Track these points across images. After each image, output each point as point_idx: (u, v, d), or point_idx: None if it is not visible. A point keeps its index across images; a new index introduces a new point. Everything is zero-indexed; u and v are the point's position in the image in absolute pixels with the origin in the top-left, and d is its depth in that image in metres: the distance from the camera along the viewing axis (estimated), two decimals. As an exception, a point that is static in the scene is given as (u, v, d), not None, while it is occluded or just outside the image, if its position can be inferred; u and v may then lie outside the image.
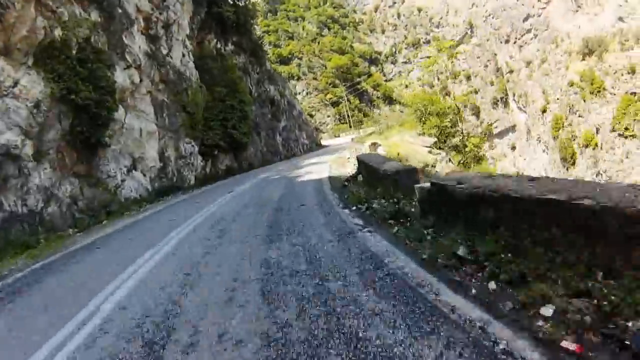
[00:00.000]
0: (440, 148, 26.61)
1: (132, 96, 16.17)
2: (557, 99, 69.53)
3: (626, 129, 57.54)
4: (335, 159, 21.05)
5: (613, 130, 58.98)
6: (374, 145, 14.30)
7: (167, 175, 17.23)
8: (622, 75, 63.45)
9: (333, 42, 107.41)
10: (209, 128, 20.69)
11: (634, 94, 62.45)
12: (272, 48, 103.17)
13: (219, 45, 26.45)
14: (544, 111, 70.28)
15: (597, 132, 61.16)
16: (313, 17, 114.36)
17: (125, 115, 15.66)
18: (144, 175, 16.01)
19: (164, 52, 18.87)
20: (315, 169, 17.99)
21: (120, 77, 15.60)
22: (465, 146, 44.85)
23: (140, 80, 16.68)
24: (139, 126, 16.06)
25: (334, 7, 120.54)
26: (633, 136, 57.07)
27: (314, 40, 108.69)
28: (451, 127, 45.24)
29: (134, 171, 15.54)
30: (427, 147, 20.44)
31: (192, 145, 19.23)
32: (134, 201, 14.83)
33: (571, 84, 68.12)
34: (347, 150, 23.71)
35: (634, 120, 58.58)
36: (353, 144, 28.37)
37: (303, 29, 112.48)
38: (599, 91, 63.65)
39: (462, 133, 40.29)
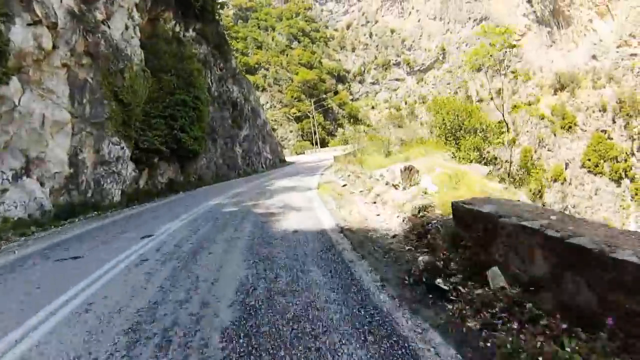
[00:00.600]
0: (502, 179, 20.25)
1: (38, 67, 11.28)
2: (527, 131, 68.08)
3: (596, 165, 56.33)
4: (324, 185, 14.60)
5: (583, 166, 57.70)
6: (409, 170, 9.35)
7: (79, 188, 12.15)
8: (594, 112, 62.69)
9: (302, 55, 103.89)
10: (149, 127, 15.55)
11: (605, 131, 61.75)
12: (239, 56, 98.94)
13: (177, 29, 21.69)
14: (513, 142, 68.46)
15: (566, 167, 59.84)
16: (284, 28, 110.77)
17: (22, 94, 10.76)
18: (42, 184, 11.05)
19: (99, 17, 14.07)
20: (297, 200, 11.68)
21: (20, 35, 10.72)
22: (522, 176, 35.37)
23: (54, 47, 11.76)
24: (42, 112, 11.12)
25: (306, 21, 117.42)
26: (602, 173, 55.85)
27: (283, 52, 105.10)
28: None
29: (24, 178, 10.58)
30: (489, 177, 15.19)
31: (122, 148, 14.02)
32: (17, 224, 9.86)
33: (542, 117, 66.90)
34: (336, 173, 18.71)
35: (604, 158, 57.50)
36: (343, 164, 21.62)
37: (273, 40, 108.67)
38: (570, 127, 62.52)
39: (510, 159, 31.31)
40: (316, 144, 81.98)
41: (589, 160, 57.63)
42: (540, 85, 71.79)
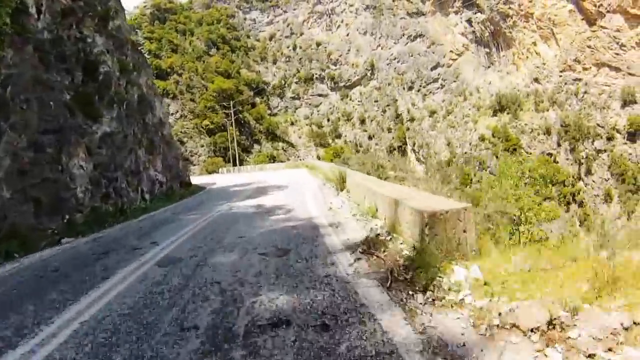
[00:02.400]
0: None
1: None
2: (465, 152, 60.61)
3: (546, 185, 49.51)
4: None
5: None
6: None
7: None
8: (538, 134, 56.61)
9: (220, 63, 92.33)
10: None
11: (550, 154, 55.83)
12: (151, 58, 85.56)
13: None
14: (449, 164, 60.54)
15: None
16: (203, 33, 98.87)
17: None
18: None
19: None
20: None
21: None
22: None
23: None
24: None
25: (228, 28, 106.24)
26: (550, 198, 49.25)
27: (200, 58, 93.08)
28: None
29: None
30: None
31: None
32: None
33: (482, 139, 59.90)
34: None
35: (551, 181, 51.11)
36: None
37: (190, 44, 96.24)
38: (515, 149, 55.75)
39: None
40: (230, 161, 68.93)
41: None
42: (477, 106, 65.49)
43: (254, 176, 37.53)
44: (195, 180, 33.95)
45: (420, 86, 74.72)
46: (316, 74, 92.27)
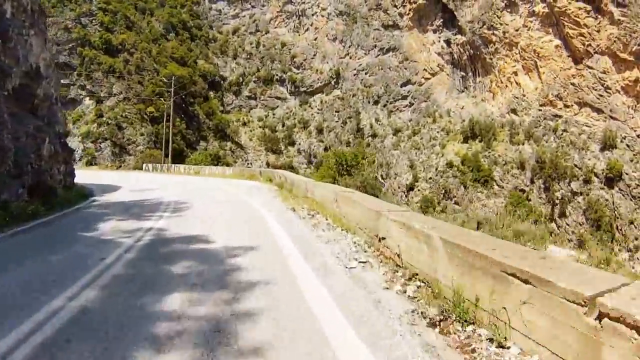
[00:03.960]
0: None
1: None
2: (430, 178, 54.67)
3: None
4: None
5: (502, 226, 45.15)
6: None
7: None
8: (512, 168, 51.44)
9: (177, 49, 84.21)
10: None
11: (523, 191, 50.72)
12: (101, 31, 76.73)
13: None
14: (410, 188, 54.37)
15: (477, 226, 46.89)
16: (164, 15, 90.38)
17: None
18: None
19: None
20: None
21: None
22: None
23: None
24: None
25: (191, 15, 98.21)
26: (527, 241, 43.97)
27: (156, 40, 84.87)
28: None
29: None
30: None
31: None
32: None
33: (450, 165, 54.20)
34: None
35: (524, 220, 45.87)
36: None
37: (148, 25, 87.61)
38: (486, 180, 50.22)
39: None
40: (168, 156, 58.54)
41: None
42: (447, 130, 60.15)
43: (180, 188, 24.03)
44: (94, 178, 27.63)
45: (387, 102, 69.00)
46: (277, 75, 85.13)
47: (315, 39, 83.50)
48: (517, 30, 59.20)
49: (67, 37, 75.70)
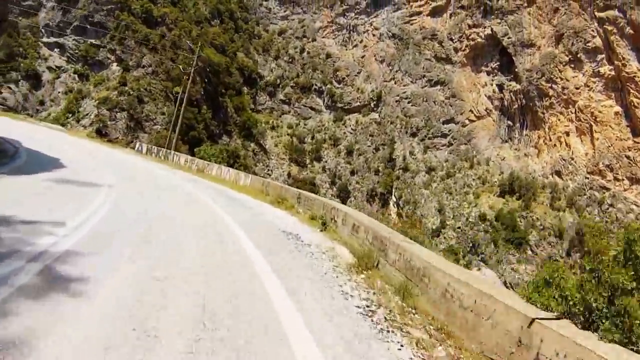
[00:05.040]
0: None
1: None
2: (458, 227, 51.44)
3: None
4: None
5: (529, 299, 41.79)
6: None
7: None
8: (549, 235, 48.03)
9: (218, 36, 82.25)
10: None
11: (557, 261, 47.24)
12: (145, 0, 75.33)
13: None
14: (436, 234, 51.14)
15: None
16: (212, 1, 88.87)
17: None
18: None
19: None
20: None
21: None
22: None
23: None
24: None
25: (240, 6, 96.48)
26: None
27: (199, 23, 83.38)
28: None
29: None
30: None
31: None
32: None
33: (483, 218, 50.90)
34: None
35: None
36: None
37: (194, 6, 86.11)
38: (520, 243, 46.87)
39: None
40: (167, 146, 42.41)
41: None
42: (483, 180, 56.90)
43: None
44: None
45: (426, 136, 65.94)
46: (316, 85, 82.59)
47: (363, 57, 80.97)
48: (577, 89, 56.04)
49: None
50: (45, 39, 72.40)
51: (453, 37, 72.70)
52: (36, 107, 67.24)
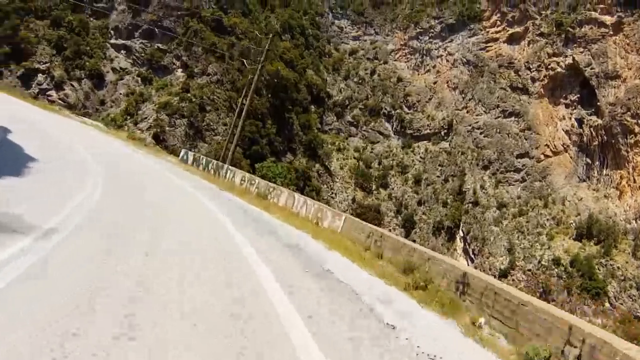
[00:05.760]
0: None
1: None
2: (529, 270, 49.72)
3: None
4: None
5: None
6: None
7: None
8: (631, 287, 45.46)
9: (288, 50, 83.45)
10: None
11: (638, 318, 44.62)
12: (215, 8, 77.41)
13: None
14: (504, 275, 49.69)
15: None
16: (284, 14, 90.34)
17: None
18: None
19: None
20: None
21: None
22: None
23: None
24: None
25: (311, 23, 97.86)
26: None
27: (268, 35, 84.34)
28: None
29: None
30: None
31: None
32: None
33: (557, 262, 48.96)
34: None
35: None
36: None
37: (265, 19, 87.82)
38: (598, 293, 44.69)
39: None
40: (222, 159, 34.04)
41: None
42: (559, 220, 54.66)
43: None
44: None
45: (498, 170, 64.15)
46: (385, 109, 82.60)
47: (435, 83, 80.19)
48: (667, 128, 52.86)
49: (177, 4, 75.16)
50: (113, 41, 73.27)
51: (531, 66, 70.47)
52: (96, 107, 66.95)
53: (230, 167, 28.14)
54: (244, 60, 66.82)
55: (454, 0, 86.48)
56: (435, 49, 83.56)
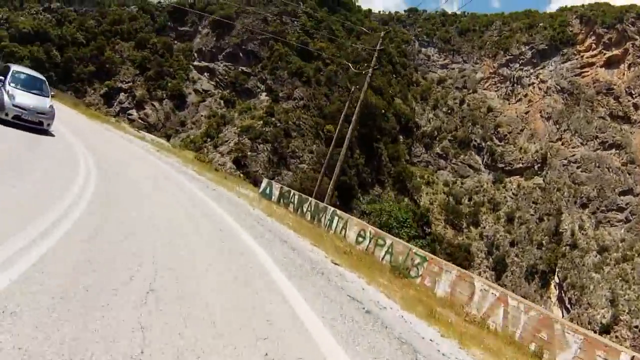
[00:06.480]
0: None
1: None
2: (636, 326, 46.75)
3: None
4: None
5: None
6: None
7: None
8: None
9: (376, 77, 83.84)
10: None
11: None
12: (300, 32, 79.31)
13: None
14: (606, 331, 47.10)
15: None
16: (370, 41, 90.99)
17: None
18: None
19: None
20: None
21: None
22: None
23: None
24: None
25: (398, 51, 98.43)
26: None
27: (356, 62, 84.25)
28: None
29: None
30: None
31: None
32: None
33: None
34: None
35: None
36: None
37: (351, 45, 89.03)
38: None
39: None
40: (316, 195, 28.97)
41: None
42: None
43: None
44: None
45: (598, 209, 60.64)
46: (475, 141, 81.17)
47: (527, 113, 77.53)
48: None
49: (262, 28, 75.53)
50: (196, 63, 74.19)
51: (632, 92, 66.08)
52: (176, 127, 66.47)
53: (338, 212, 17.93)
54: (350, 65, 66.18)
55: (544, 25, 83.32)
56: (527, 77, 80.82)
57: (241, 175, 49.79)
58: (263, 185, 24.85)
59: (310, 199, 20.61)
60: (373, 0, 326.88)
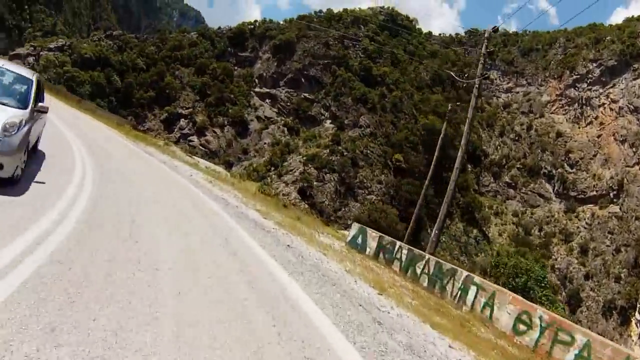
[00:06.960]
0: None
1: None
2: None
3: None
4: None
5: None
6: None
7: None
8: None
9: (441, 103, 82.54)
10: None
11: None
12: (363, 57, 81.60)
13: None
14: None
15: None
16: (433, 65, 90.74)
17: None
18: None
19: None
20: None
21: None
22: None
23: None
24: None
25: (459, 75, 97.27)
26: None
27: (419, 88, 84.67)
28: None
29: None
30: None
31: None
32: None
33: None
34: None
35: None
36: None
37: (414, 69, 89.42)
38: None
39: None
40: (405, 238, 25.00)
41: None
42: None
43: None
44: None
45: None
46: (545, 168, 78.26)
47: (599, 137, 73.70)
48: None
49: (324, 52, 76.72)
50: (257, 89, 74.52)
51: None
52: (238, 155, 66.48)
53: (476, 279, 11.97)
54: (397, 114, 60.30)
55: (611, 39, 79.08)
56: (596, 97, 77.03)
57: (307, 205, 47.94)
58: (353, 232, 18.37)
59: (426, 255, 14.57)
60: (430, 22, 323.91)
